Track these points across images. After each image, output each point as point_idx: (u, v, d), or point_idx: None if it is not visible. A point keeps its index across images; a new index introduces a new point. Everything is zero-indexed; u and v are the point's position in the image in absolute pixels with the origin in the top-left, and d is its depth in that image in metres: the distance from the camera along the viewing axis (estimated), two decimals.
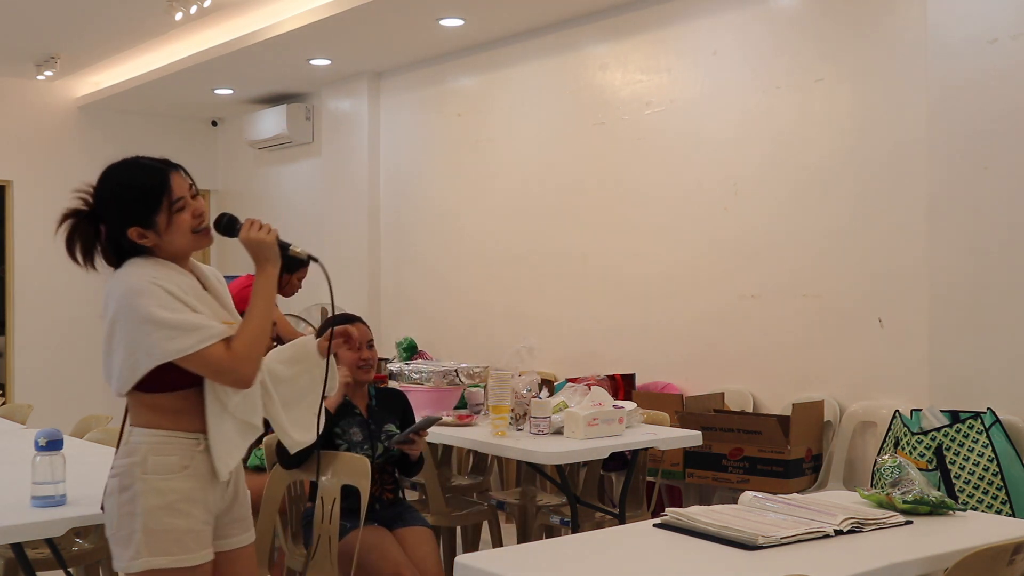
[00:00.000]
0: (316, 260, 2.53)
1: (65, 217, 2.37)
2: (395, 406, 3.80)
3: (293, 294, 6.00)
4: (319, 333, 3.80)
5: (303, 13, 6.49)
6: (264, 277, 2.41)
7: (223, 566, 2.42)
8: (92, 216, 2.38)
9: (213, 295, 2.45)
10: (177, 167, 2.42)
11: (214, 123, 9.82)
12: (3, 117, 8.79)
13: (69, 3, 6.55)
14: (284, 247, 2.44)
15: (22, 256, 8.83)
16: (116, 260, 2.38)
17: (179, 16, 6.45)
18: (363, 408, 3.69)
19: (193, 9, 6.31)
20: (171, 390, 2.32)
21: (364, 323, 3.78)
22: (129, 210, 2.34)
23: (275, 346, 4.53)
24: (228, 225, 2.44)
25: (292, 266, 5.89)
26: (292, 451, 2.54)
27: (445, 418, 4.23)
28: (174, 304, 2.27)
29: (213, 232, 2.45)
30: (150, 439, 2.32)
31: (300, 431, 2.54)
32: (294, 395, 2.56)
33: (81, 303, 9.04)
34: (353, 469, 3.36)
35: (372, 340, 3.74)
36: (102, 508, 2.39)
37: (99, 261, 2.40)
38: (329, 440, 3.58)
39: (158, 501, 2.27)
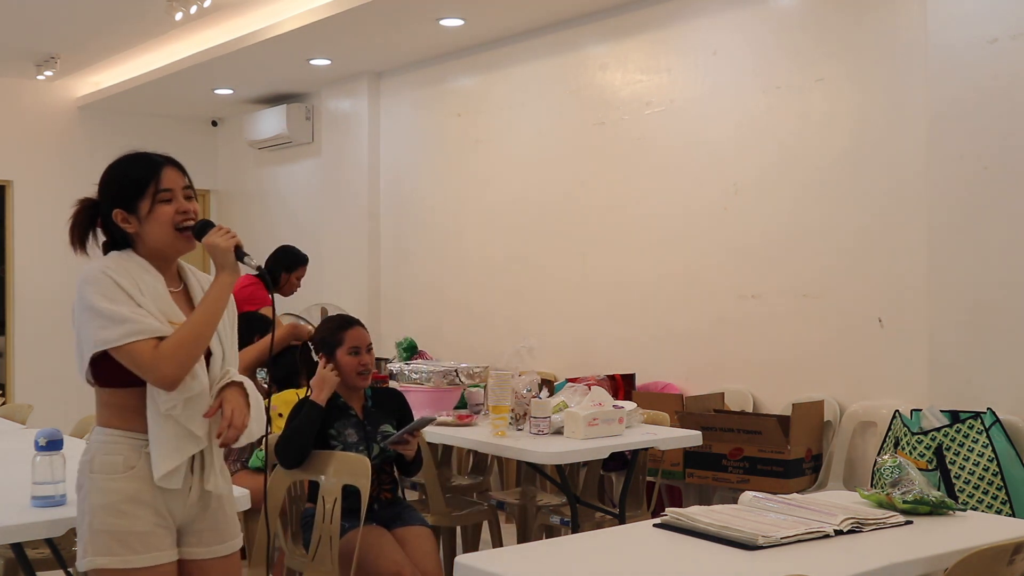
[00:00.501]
0: (265, 275, 2.55)
1: (76, 204, 2.47)
2: (391, 406, 3.79)
3: (292, 293, 6.01)
4: (316, 336, 3.80)
5: (303, 13, 6.49)
6: (217, 283, 2.38)
7: (191, 574, 2.39)
8: (94, 204, 2.45)
9: (189, 302, 2.44)
10: (176, 164, 2.44)
11: (214, 123, 9.82)
12: (3, 117, 8.79)
13: (69, 3, 6.55)
14: (240, 256, 2.41)
15: (22, 256, 8.83)
16: (109, 249, 2.43)
17: (179, 16, 6.44)
18: (358, 409, 3.68)
19: (193, 9, 6.31)
20: (122, 385, 2.32)
21: (363, 327, 3.76)
22: (116, 192, 2.39)
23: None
24: (200, 229, 2.42)
25: (291, 265, 5.91)
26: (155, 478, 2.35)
27: (445, 418, 4.23)
28: (117, 295, 2.29)
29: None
30: (101, 438, 2.34)
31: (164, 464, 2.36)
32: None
33: None
34: (353, 469, 3.36)
35: (371, 344, 3.73)
36: None
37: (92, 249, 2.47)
38: (324, 442, 3.57)
39: (101, 500, 2.29)
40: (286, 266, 5.87)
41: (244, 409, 2.36)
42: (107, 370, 2.31)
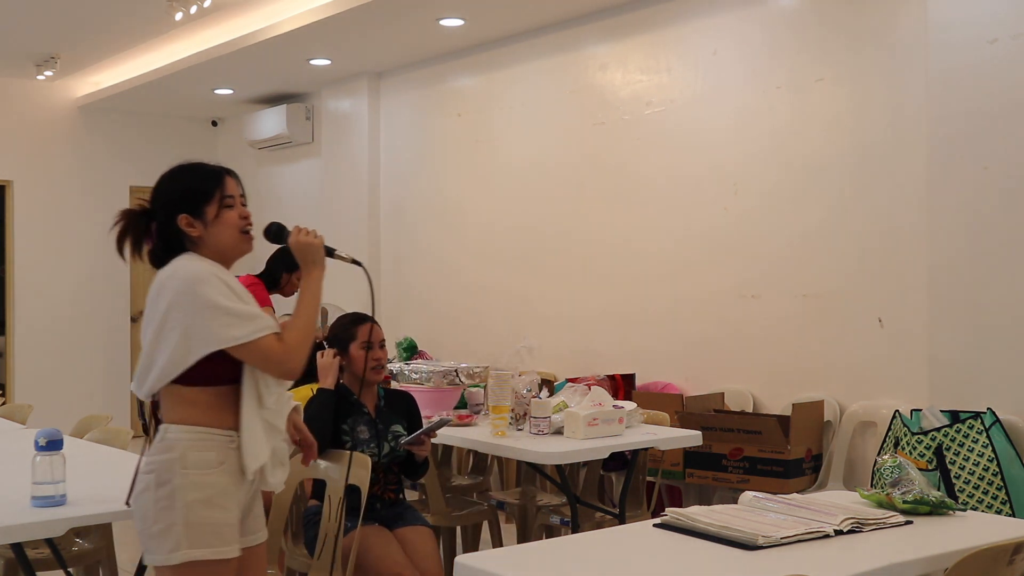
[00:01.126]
0: (359, 264, 2.67)
1: (120, 216, 2.52)
2: (402, 407, 3.81)
3: (293, 294, 6.01)
4: (330, 332, 3.81)
5: (303, 13, 6.49)
6: (310, 279, 2.55)
7: (244, 562, 2.49)
8: (145, 213, 2.52)
9: None
10: (234, 174, 2.57)
11: (214, 123, 9.82)
12: (3, 117, 8.79)
13: (69, 3, 6.55)
14: (330, 251, 2.60)
15: (22, 256, 8.83)
16: (163, 257, 2.49)
17: (179, 16, 6.44)
18: (371, 408, 3.70)
19: (193, 9, 6.31)
20: (211, 384, 2.40)
21: (377, 324, 3.79)
22: (182, 198, 2.48)
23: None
24: (277, 232, 2.60)
25: (292, 265, 5.91)
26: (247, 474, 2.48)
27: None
28: (232, 295, 2.39)
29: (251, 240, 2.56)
30: (188, 435, 2.39)
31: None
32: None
33: (81, 303, 9.05)
34: (354, 465, 3.37)
35: (384, 340, 3.77)
36: (127, 504, 2.49)
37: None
38: (336, 438, 3.59)
39: (198, 495, 2.35)
40: (288, 267, 5.88)
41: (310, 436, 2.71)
42: (205, 369, 2.38)
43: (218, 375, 2.39)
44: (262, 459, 2.43)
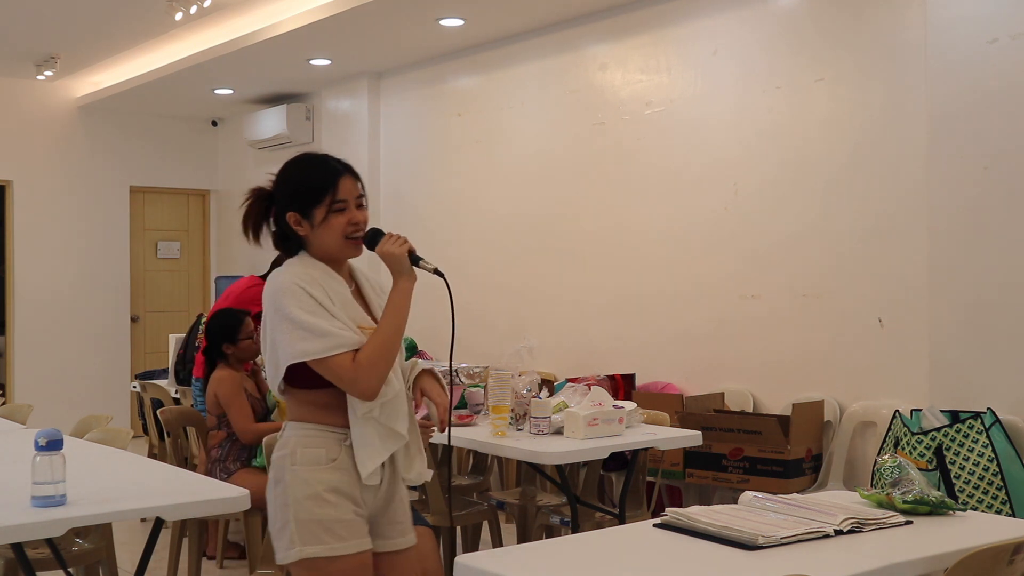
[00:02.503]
0: (442, 275, 2.56)
1: (249, 194, 2.52)
2: None
3: None
4: None
5: (303, 13, 6.49)
6: (396, 291, 2.49)
7: (383, 568, 2.48)
8: (268, 197, 2.51)
9: (364, 301, 2.54)
10: (353, 173, 2.50)
11: (214, 123, 9.82)
12: (3, 117, 8.79)
13: (69, 3, 6.55)
14: (415, 260, 2.50)
15: (22, 256, 8.83)
16: (281, 244, 2.50)
17: (179, 16, 6.44)
18: None
19: (193, 9, 6.31)
20: (321, 387, 2.39)
21: None
22: (293, 196, 2.46)
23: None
24: (372, 238, 2.51)
25: None
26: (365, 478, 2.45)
27: None
28: (313, 307, 2.35)
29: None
30: (299, 432, 2.41)
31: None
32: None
33: (81, 303, 9.05)
34: None
35: None
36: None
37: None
38: None
39: (306, 491, 2.35)
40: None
41: (443, 391, 2.55)
42: (304, 373, 2.38)
43: (322, 378, 2.37)
44: (374, 463, 2.39)
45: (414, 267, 2.50)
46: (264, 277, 5.90)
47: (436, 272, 2.54)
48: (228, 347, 4.69)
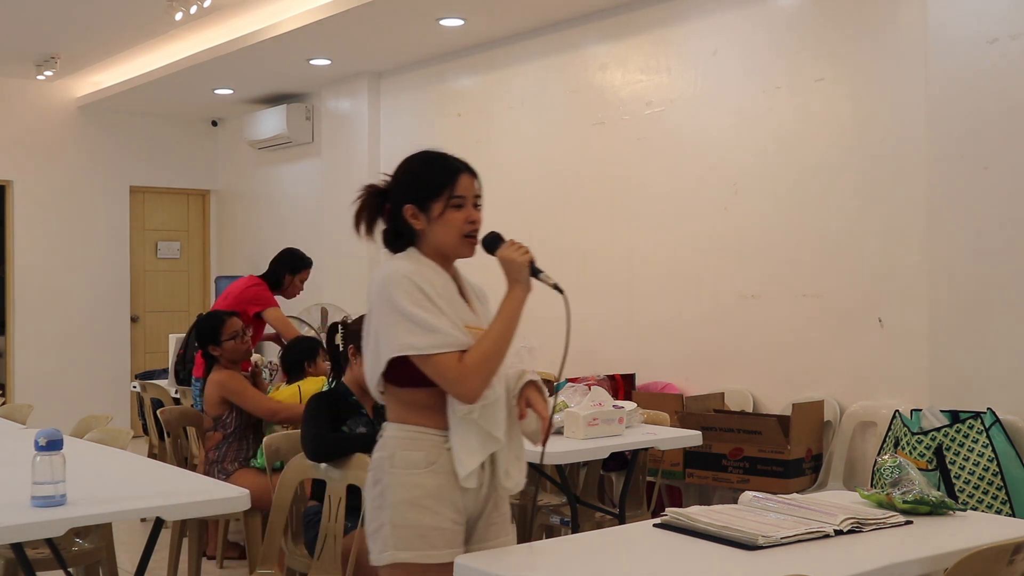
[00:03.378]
0: (561, 291, 2.50)
1: (361, 191, 2.51)
2: None
3: (295, 295, 6.02)
4: (353, 324, 3.81)
5: (303, 13, 6.49)
6: (510, 297, 2.44)
7: None
8: (382, 194, 2.50)
9: (468, 302, 2.49)
10: (472, 171, 2.51)
11: (214, 123, 9.82)
12: (3, 117, 8.79)
13: (69, 3, 6.55)
14: (535, 272, 2.44)
15: (22, 256, 8.83)
16: (393, 242, 2.49)
17: (179, 16, 6.44)
18: (369, 408, 3.71)
19: (193, 9, 6.31)
20: (422, 385, 2.35)
21: None
22: (412, 187, 2.45)
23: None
24: (491, 243, 2.48)
25: (295, 267, 5.91)
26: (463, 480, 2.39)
27: None
28: (423, 302, 2.33)
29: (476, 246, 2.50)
30: (399, 434, 2.38)
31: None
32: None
33: (81, 303, 9.05)
34: (354, 466, 3.38)
35: None
36: None
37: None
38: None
39: (404, 496, 2.33)
40: (290, 268, 5.91)
41: (546, 405, 2.48)
42: (406, 370, 2.35)
43: (425, 377, 2.34)
44: (472, 464, 2.35)
45: (533, 279, 2.44)
46: (264, 277, 5.91)
47: (555, 288, 2.47)
48: (214, 349, 4.70)
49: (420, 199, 2.43)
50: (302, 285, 6.00)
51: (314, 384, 4.64)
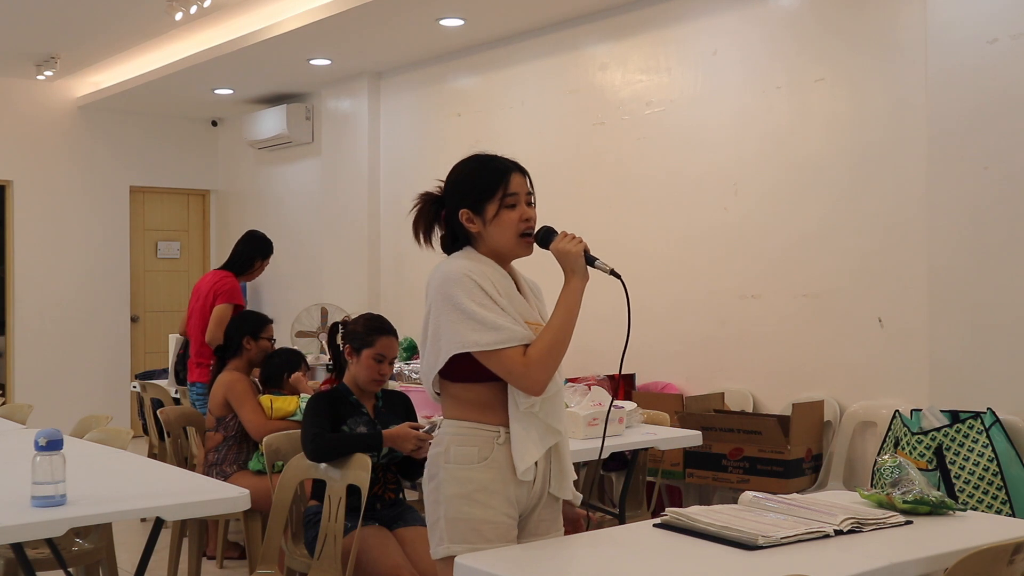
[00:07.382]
0: (619, 276, 2.55)
1: (417, 199, 2.58)
2: (399, 407, 3.83)
3: (254, 279, 6.10)
4: (353, 323, 3.81)
5: (303, 13, 6.49)
6: (568, 289, 2.47)
7: None
8: (438, 201, 2.56)
9: (525, 298, 2.53)
10: (523, 170, 2.55)
11: (214, 123, 9.82)
12: (3, 117, 8.78)
13: (69, 3, 6.55)
14: (591, 260, 2.49)
15: (22, 256, 8.83)
16: (451, 247, 2.51)
17: (179, 16, 6.44)
18: (370, 408, 3.72)
19: (193, 9, 6.31)
20: (477, 380, 2.39)
21: (396, 338, 3.81)
22: (465, 191, 2.51)
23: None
24: (544, 236, 2.50)
25: (267, 251, 5.92)
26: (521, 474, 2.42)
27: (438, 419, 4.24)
28: (484, 299, 2.37)
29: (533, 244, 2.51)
30: (454, 430, 2.41)
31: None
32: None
33: (81, 303, 9.05)
34: (354, 466, 3.38)
35: (396, 357, 3.79)
36: None
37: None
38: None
39: (458, 490, 2.37)
40: (262, 252, 5.93)
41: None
42: (463, 367, 2.37)
43: (484, 371, 2.37)
44: (532, 457, 2.38)
45: (588, 267, 2.48)
46: (225, 267, 5.94)
47: (613, 273, 2.53)
48: (249, 342, 4.73)
49: (474, 202, 2.48)
50: (261, 270, 6.05)
51: (284, 403, 4.53)
